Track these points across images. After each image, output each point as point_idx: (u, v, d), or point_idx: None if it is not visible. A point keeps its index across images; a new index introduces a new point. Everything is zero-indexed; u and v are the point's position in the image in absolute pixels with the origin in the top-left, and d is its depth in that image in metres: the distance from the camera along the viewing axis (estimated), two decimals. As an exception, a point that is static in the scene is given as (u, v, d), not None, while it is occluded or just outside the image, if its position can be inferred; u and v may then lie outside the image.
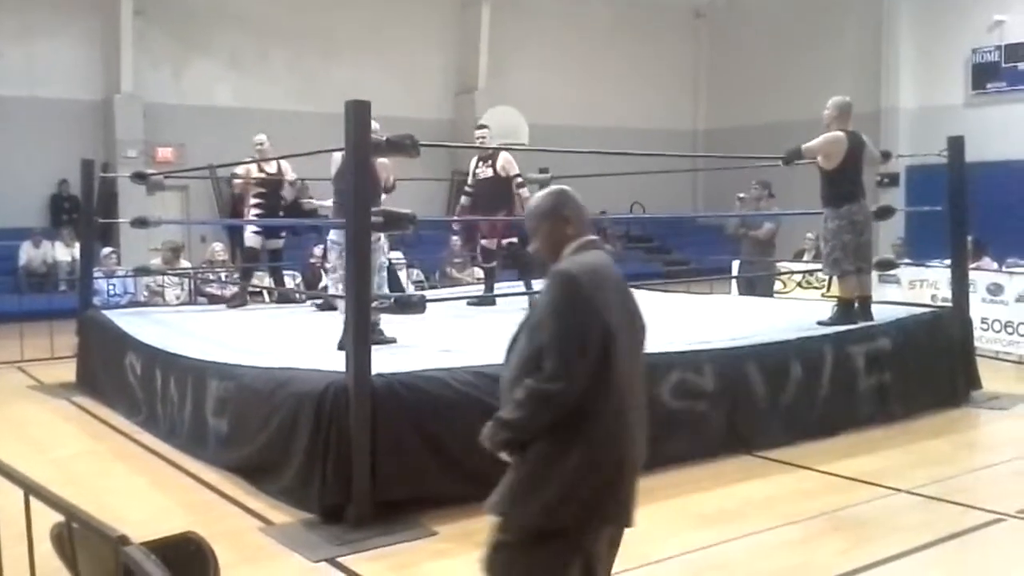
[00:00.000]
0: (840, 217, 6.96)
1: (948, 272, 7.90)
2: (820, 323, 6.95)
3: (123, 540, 1.94)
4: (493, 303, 8.62)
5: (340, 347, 5.52)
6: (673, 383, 5.65)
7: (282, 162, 9.23)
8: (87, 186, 8.82)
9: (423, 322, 7.67)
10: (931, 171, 8.97)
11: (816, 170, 7.10)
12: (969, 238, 8.68)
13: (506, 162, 8.49)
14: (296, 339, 6.85)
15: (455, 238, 13.97)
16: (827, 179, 7.02)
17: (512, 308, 8.37)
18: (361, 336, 4.72)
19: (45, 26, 14.96)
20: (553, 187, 2.90)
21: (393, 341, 6.04)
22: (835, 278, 7.37)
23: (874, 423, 6.45)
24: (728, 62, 20.85)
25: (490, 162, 8.53)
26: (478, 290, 10.70)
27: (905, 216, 13.72)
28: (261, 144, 9.11)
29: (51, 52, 15.01)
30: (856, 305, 7.08)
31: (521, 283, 8.86)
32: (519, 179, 8.52)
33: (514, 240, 8.83)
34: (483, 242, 9.03)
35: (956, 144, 7.53)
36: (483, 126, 9.03)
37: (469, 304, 8.50)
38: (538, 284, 9.53)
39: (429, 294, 9.39)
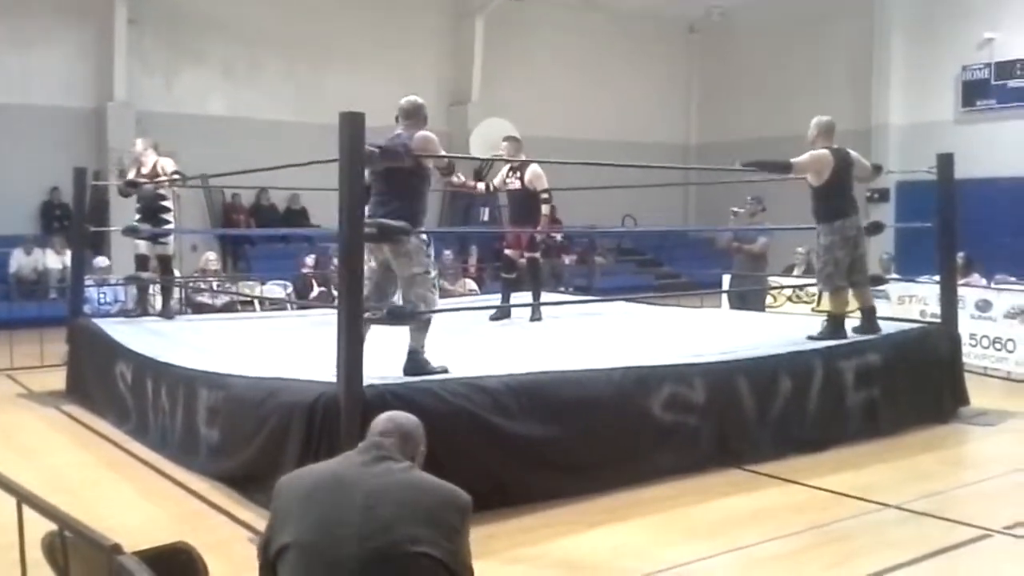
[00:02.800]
0: (833, 232, 7.02)
1: (937, 288, 7.95)
2: (810, 338, 6.99)
3: (116, 549, 1.95)
4: (509, 315, 8.62)
5: (407, 372, 5.34)
6: (664, 397, 5.67)
7: (160, 160, 8.90)
8: (79, 194, 8.82)
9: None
10: (921, 187, 9.02)
11: (807, 185, 7.15)
12: (961, 254, 8.75)
13: (534, 176, 8.49)
14: (288, 348, 6.85)
15: (447, 251, 14.02)
16: (817, 195, 7.09)
17: (512, 321, 8.49)
18: (353, 346, 4.73)
19: (38, 33, 14.94)
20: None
21: (445, 371, 5.43)
22: (827, 293, 7.41)
23: (862, 438, 6.47)
24: (721, 77, 20.95)
25: (519, 174, 8.57)
26: (471, 302, 10.71)
27: (895, 232, 13.79)
28: (139, 151, 8.94)
29: (44, 59, 14.99)
30: (864, 317, 7.21)
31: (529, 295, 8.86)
32: (545, 195, 8.54)
33: (536, 255, 8.93)
34: (507, 252, 9.04)
35: (945, 161, 7.58)
36: (511, 138, 8.93)
37: (492, 319, 8.49)
38: (547, 296, 9.55)
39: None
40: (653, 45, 20.83)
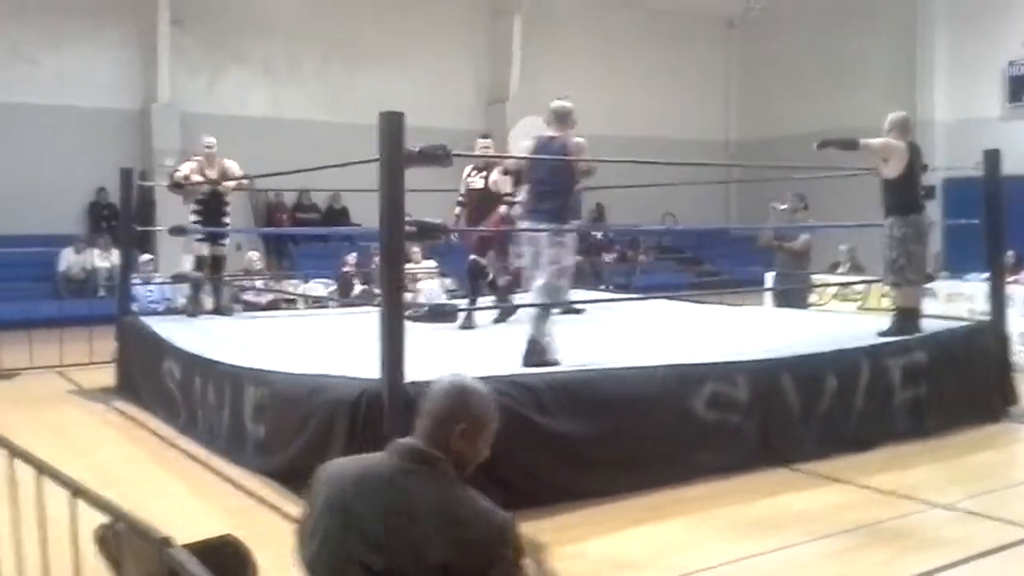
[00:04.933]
0: (908, 225, 6.92)
1: (985, 286, 7.82)
2: (880, 334, 6.90)
3: (167, 542, 1.97)
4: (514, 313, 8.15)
5: (526, 363, 5.55)
6: (707, 395, 5.63)
7: (227, 162, 8.99)
8: (126, 194, 8.95)
9: (456, 331, 7.71)
10: (968, 184, 8.89)
11: (855, 182, 7.09)
12: (1010, 252, 8.59)
13: (499, 177, 8.17)
14: (331, 346, 6.91)
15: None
16: (892, 187, 6.98)
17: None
18: (395, 342, 4.75)
19: (83, 36, 15.21)
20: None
21: (557, 363, 5.64)
22: (894, 288, 7.27)
23: (910, 437, 6.37)
24: (760, 72, 20.78)
25: (484, 173, 8.27)
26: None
27: (942, 229, 13.59)
28: (210, 147, 8.94)
29: (89, 61, 15.26)
30: (898, 318, 7.06)
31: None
32: (508, 197, 8.19)
33: (481, 259, 8.37)
34: (472, 257, 8.55)
35: (992, 157, 7.46)
36: (487, 136, 8.85)
37: (495, 322, 8.24)
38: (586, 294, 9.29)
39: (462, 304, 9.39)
40: (692, 41, 20.72)
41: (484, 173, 8.29)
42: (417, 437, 2.43)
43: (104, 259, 14.17)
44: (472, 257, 8.47)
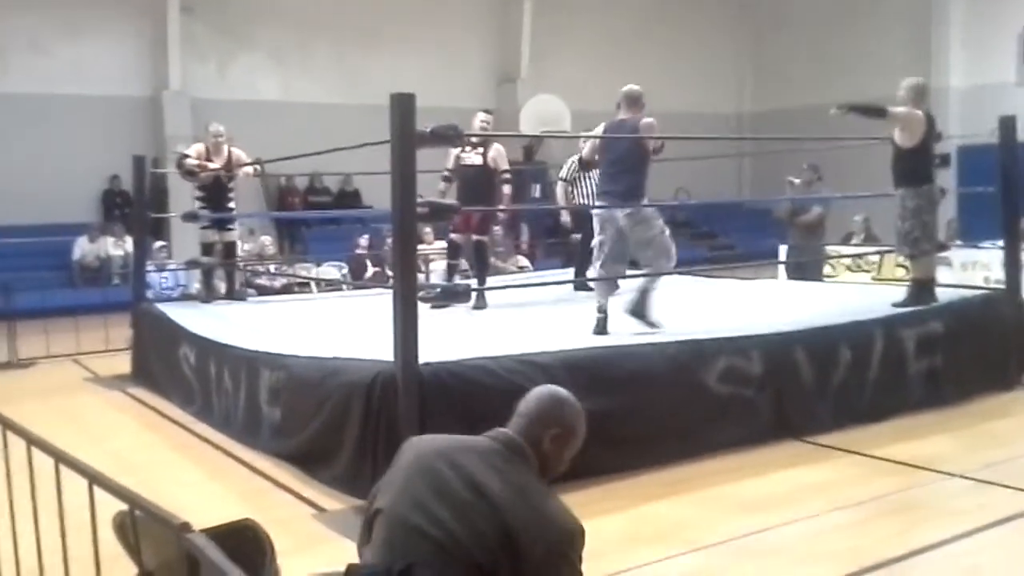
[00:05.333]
0: (921, 196, 6.88)
1: (1001, 254, 7.77)
2: (895, 305, 6.88)
3: (185, 527, 2.00)
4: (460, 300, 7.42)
5: (627, 311, 6.22)
6: (720, 369, 5.63)
7: (234, 150, 8.97)
8: (139, 181, 8.98)
9: (470, 311, 7.72)
10: (983, 151, 8.81)
11: (869, 150, 7.02)
12: (1024, 219, 8.51)
13: (498, 154, 8.10)
14: (346, 328, 6.94)
15: (497, 228, 14.02)
16: (906, 157, 6.91)
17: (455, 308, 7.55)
18: (408, 325, 4.76)
19: (94, 24, 15.24)
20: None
21: (657, 327, 6.17)
22: (909, 259, 7.24)
23: (925, 407, 6.37)
24: (774, 44, 20.59)
25: (481, 150, 8.09)
26: (525, 279, 10.70)
27: (957, 197, 13.49)
28: (218, 136, 8.89)
29: (100, 50, 15.29)
30: (913, 289, 7.03)
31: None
32: (507, 175, 8.17)
33: (485, 239, 8.42)
34: (452, 236, 8.50)
35: (1008, 124, 7.39)
36: (487, 111, 8.62)
37: (433, 308, 7.32)
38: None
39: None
40: (703, 14, 20.55)
41: (481, 149, 8.11)
42: (513, 433, 2.53)
43: (118, 247, 14.24)
44: (476, 238, 8.37)
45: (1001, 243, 7.65)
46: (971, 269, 10.04)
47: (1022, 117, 7.57)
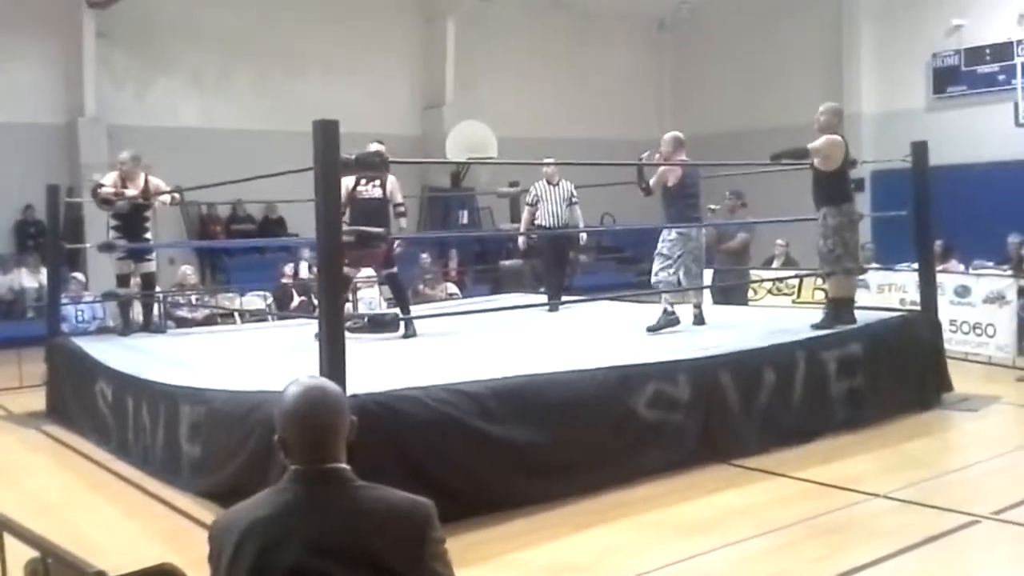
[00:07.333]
0: (842, 215, 7.07)
1: (916, 276, 7.98)
2: (814, 326, 6.99)
3: (101, 575, 1.92)
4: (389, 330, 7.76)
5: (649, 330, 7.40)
6: (649, 395, 5.66)
7: (151, 178, 8.72)
8: (53, 211, 8.74)
9: (398, 341, 7.64)
10: (896, 176, 9.06)
11: (788, 176, 7.19)
12: (938, 242, 8.78)
13: (394, 186, 8.01)
14: (270, 360, 6.80)
15: (425, 255, 13.97)
16: (827, 179, 7.09)
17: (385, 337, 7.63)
18: (335, 355, 4.69)
19: (4, 48, 14.78)
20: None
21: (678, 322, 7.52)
22: (831, 277, 7.36)
23: (848, 428, 6.49)
24: (692, 72, 20.98)
25: (377, 182, 7.90)
26: (455, 306, 10.66)
27: (871, 221, 13.85)
28: (124, 162, 8.64)
29: (12, 76, 14.81)
30: (831, 309, 7.17)
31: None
32: (402, 207, 8.14)
33: (394, 271, 8.30)
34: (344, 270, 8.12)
35: (920, 149, 7.62)
36: (379, 142, 8.18)
37: (406, 336, 7.68)
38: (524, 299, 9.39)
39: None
40: (623, 43, 20.84)
41: (377, 182, 7.91)
42: (304, 462, 2.23)
43: (33, 279, 13.79)
44: (386, 272, 8.26)
45: (915, 265, 7.87)
46: (887, 291, 10.30)
47: (933, 142, 7.80)
